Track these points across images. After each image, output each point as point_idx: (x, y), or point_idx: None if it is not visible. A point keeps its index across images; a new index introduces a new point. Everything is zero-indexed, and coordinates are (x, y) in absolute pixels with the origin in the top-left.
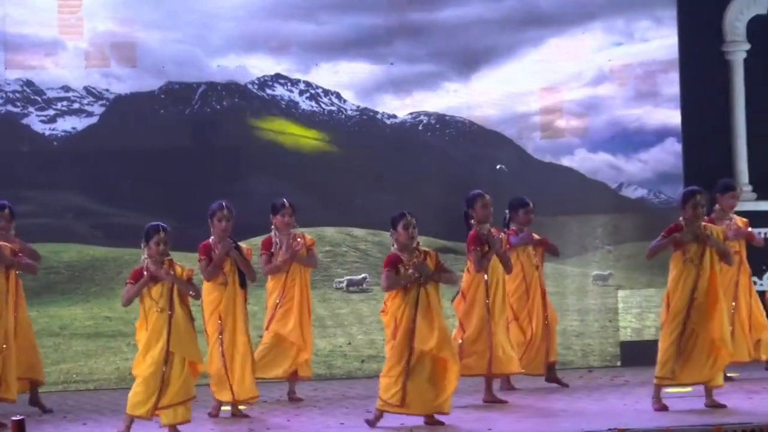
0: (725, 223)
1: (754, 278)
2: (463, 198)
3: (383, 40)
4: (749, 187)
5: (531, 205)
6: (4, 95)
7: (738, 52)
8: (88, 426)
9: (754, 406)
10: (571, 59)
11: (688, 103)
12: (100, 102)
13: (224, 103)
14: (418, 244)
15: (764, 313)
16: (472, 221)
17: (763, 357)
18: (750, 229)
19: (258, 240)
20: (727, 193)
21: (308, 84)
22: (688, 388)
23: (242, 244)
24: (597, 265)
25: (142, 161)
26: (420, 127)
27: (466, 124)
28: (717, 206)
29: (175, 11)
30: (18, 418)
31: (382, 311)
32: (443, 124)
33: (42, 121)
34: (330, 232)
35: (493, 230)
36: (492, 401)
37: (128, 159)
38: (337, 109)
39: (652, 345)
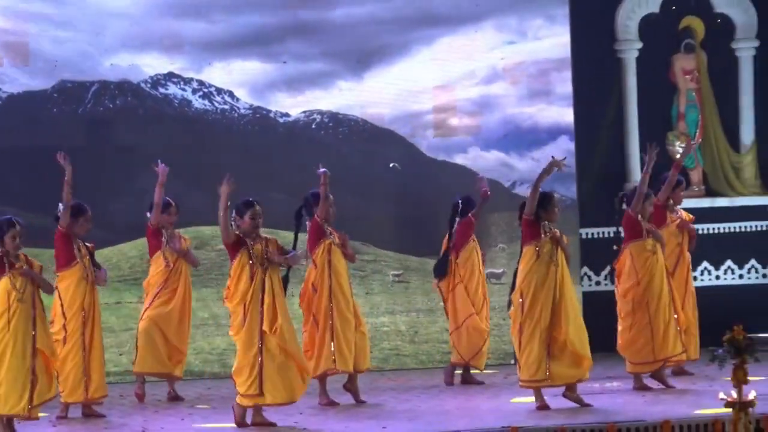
0: (673, 216)
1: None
2: (358, 196)
3: (276, 39)
4: None
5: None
6: None
7: (630, 50)
8: None
9: (647, 404)
10: (464, 58)
11: (580, 101)
12: None
13: (117, 102)
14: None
15: (696, 309)
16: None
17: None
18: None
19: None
20: (677, 188)
21: (201, 83)
22: None
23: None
24: (491, 263)
25: (35, 160)
26: (313, 126)
27: (359, 122)
28: (670, 201)
29: (67, 10)
30: None
31: (226, 297)
32: (336, 122)
33: None
34: None
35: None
36: (328, 404)
37: (21, 158)
38: (230, 107)
39: None
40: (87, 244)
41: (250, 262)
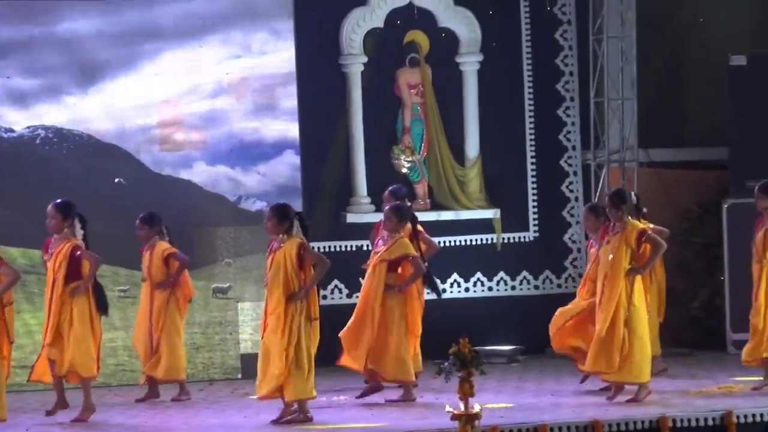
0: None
1: None
2: (83, 212)
3: None
4: (367, 199)
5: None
6: None
7: (355, 64)
8: None
9: (374, 418)
10: (189, 72)
11: (306, 115)
12: None
13: None
14: None
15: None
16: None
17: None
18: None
19: None
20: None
21: None
22: None
23: None
24: (217, 277)
25: None
26: (38, 141)
27: (84, 137)
28: None
29: None
30: None
31: None
32: (61, 137)
33: None
34: None
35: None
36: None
37: None
38: None
39: None
40: None
41: None
